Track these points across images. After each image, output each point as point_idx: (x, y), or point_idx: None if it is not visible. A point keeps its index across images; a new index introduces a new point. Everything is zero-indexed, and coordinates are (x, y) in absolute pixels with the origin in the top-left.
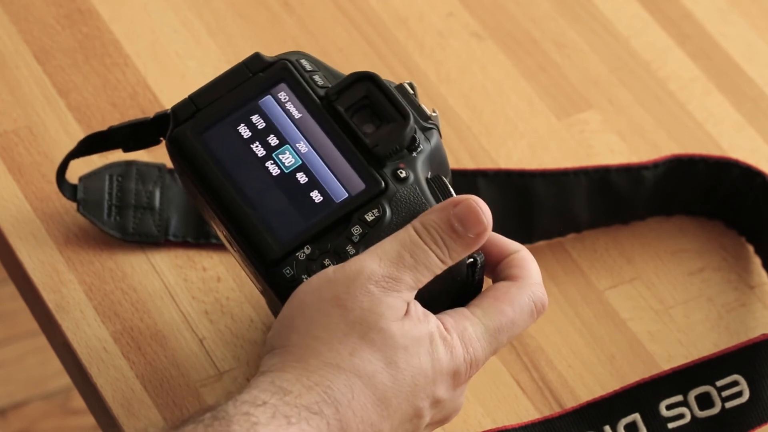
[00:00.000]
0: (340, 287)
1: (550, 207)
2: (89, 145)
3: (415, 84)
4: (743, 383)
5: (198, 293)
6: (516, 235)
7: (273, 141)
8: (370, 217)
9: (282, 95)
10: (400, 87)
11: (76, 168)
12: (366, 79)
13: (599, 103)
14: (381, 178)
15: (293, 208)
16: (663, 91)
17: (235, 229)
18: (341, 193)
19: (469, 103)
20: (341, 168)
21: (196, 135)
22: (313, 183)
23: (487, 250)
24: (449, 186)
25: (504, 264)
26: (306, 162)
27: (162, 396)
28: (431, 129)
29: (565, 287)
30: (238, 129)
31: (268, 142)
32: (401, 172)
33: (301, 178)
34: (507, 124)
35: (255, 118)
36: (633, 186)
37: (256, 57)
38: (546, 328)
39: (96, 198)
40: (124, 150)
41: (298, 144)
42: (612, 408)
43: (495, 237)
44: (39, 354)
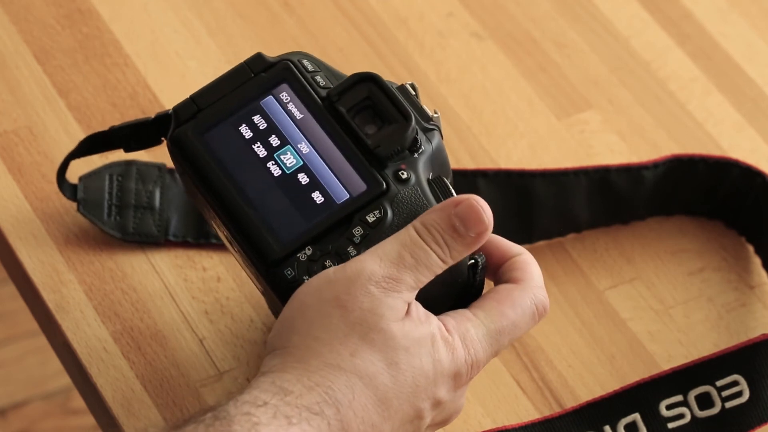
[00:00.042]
0: (340, 288)
1: (550, 207)
2: (90, 145)
3: (416, 84)
4: (743, 383)
5: (198, 293)
6: (516, 235)
7: (274, 141)
8: (371, 218)
9: (284, 96)
10: (401, 88)
11: (76, 168)
12: (368, 80)
13: (599, 103)
14: (382, 179)
15: (294, 208)
16: (663, 91)
17: (236, 230)
18: (343, 194)
19: (469, 103)
20: (343, 169)
21: (197, 135)
22: (315, 184)
23: (489, 252)
24: (450, 187)
25: (506, 267)
26: (307, 163)
27: (162, 396)
28: (433, 130)
29: (565, 287)
30: (239, 129)
31: (269, 142)
32: (403, 173)
33: (303, 178)
34: (507, 124)
35: (257, 118)
36: (633, 186)
37: (258, 57)
38: (546, 328)
39: (96, 198)
40: (125, 150)
41: (299, 144)
42: (612, 408)
43: (497, 240)
44: (39, 354)
